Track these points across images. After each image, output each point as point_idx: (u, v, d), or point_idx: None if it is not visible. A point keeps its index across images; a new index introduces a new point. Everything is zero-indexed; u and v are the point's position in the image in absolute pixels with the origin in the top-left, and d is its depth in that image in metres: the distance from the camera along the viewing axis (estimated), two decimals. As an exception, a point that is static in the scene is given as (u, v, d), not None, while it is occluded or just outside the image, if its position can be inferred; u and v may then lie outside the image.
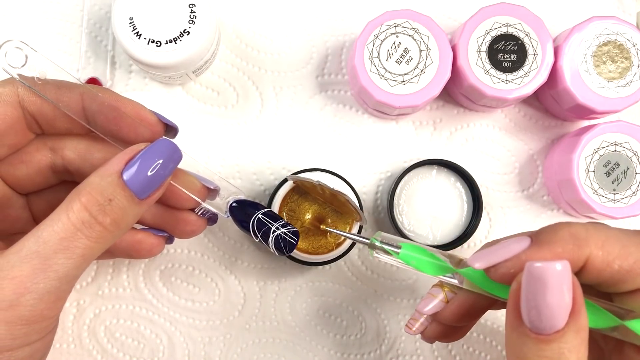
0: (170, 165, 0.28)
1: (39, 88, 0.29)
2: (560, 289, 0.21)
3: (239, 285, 0.42)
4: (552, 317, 0.21)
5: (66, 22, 0.42)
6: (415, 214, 0.41)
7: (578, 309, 0.21)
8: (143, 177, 0.27)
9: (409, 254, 0.27)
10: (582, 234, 0.23)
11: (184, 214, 0.33)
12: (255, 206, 0.33)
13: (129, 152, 0.27)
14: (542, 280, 0.21)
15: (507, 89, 0.37)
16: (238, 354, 0.41)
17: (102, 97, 0.29)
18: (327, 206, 0.39)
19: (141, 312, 0.41)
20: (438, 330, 0.30)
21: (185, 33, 0.36)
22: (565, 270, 0.21)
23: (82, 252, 0.26)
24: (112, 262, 0.41)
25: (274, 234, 0.32)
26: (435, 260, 0.26)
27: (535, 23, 0.38)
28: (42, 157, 0.32)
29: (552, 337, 0.21)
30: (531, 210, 0.43)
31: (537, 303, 0.21)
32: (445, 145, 0.43)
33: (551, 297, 0.21)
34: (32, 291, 0.25)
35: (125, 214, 0.27)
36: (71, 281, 0.26)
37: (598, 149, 0.38)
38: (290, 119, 0.42)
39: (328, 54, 0.43)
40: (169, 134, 0.32)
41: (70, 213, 0.26)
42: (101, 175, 0.27)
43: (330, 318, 0.42)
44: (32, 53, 0.29)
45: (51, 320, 0.27)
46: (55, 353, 0.41)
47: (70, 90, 0.29)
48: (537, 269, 0.21)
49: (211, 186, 0.32)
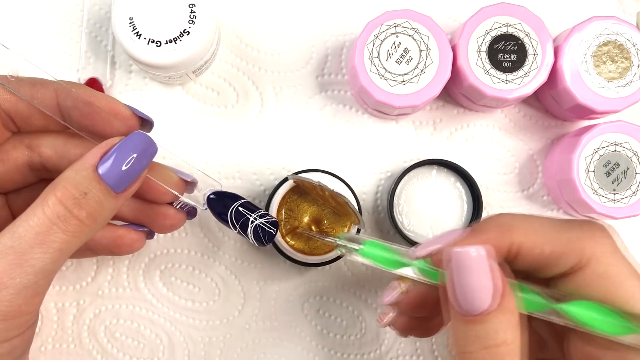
0: (145, 159, 0.28)
1: (13, 85, 0.29)
2: (478, 271, 0.23)
3: (239, 285, 0.42)
4: (476, 299, 0.23)
5: (66, 22, 0.42)
6: (415, 214, 0.41)
7: (502, 291, 0.23)
8: (118, 170, 0.27)
9: (369, 250, 0.29)
10: (508, 222, 0.25)
11: (162, 208, 0.33)
12: (234, 197, 0.33)
13: (104, 146, 0.27)
14: (461, 264, 0.23)
15: (507, 89, 0.37)
16: (238, 353, 0.41)
17: (75, 93, 0.29)
18: (325, 207, 0.39)
19: (141, 312, 0.41)
20: (405, 323, 0.32)
21: (185, 33, 0.36)
22: (480, 254, 0.23)
23: (58, 247, 0.26)
24: (112, 262, 0.41)
25: (252, 224, 0.32)
26: (393, 255, 0.28)
27: (535, 23, 0.38)
28: (19, 155, 0.31)
29: (478, 318, 0.23)
30: (531, 211, 0.43)
31: (461, 285, 0.23)
32: (445, 145, 0.43)
33: (470, 279, 0.23)
34: (8, 286, 0.25)
35: (101, 207, 0.27)
36: (48, 276, 0.26)
37: (598, 149, 0.38)
38: (290, 119, 0.42)
39: (328, 54, 0.43)
40: (144, 128, 0.32)
41: (45, 207, 0.26)
42: (76, 170, 0.27)
43: (330, 318, 0.42)
44: (4, 50, 0.28)
45: (30, 315, 0.27)
46: (55, 353, 0.41)
47: (44, 87, 0.29)
48: (456, 254, 0.23)
49: (188, 179, 0.32)
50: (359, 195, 0.41)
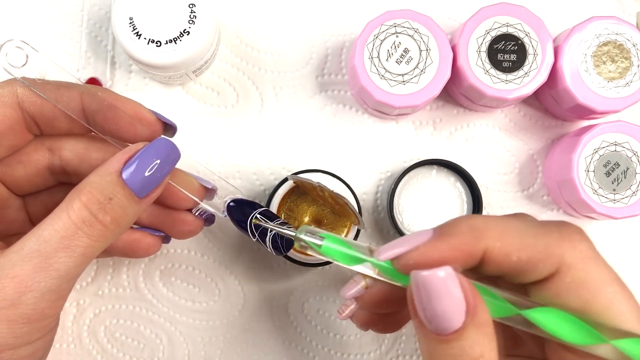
0: (168, 165, 0.28)
1: (39, 88, 0.29)
2: (448, 293, 0.21)
3: (239, 285, 0.42)
4: (446, 320, 0.21)
5: (66, 22, 0.42)
6: (415, 214, 0.41)
7: (474, 306, 0.22)
8: (142, 176, 0.27)
9: (329, 246, 0.27)
10: (480, 225, 0.23)
11: (181, 215, 0.33)
12: (253, 205, 0.33)
13: (128, 151, 0.28)
14: (428, 288, 0.21)
15: (507, 89, 0.37)
16: (238, 353, 0.41)
17: (101, 96, 0.29)
18: (325, 208, 0.39)
19: (141, 312, 0.41)
20: (365, 317, 0.31)
21: (185, 33, 0.36)
22: (449, 275, 0.21)
23: (82, 251, 0.26)
24: (112, 262, 0.41)
25: (271, 233, 0.32)
26: (353, 251, 0.27)
27: (535, 23, 0.38)
28: (40, 158, 0.32)
29: (451, 336, 0.22)
30: (531, 211, 0.43)
31: (429, 308, 0.22)
32: (445, 145, 0.43)
33: (439, 303, 0.21)
34: (33, 290, 0.25)
35: (125, 212, 0.27)
36: (72, 280, 0.27)
37: (598, 149, 0.38)
38: (290, 119, 0.42)
39: (328, 54, 0.43)
40: (167, 133, 0.32)
41: (70, 212, 0.26)
42: (101, 175, 0.27)
43: (330, 318, 0.42)
44: (33, 53, 0.29)
45: (52, 318, 0.27)
46: (55, 353, 0.41)
47: (70, 90, 0.29)
48: (422, 277, 0.22)
49: (209, 186, 0.32)
50: (359, 195, 0.41)
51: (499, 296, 0.23)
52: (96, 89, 0.30)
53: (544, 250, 0.23)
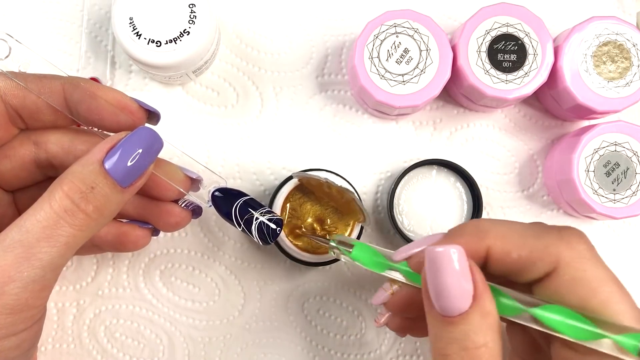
0: (151, 154, 0.28)
1: (21, 79, 0.29)
2: (455, 271, 0.23)
3: (239, 285, 0.42)
4: (454, 299, 0.23)
5: (66, 22, 0.42)
6: (415, 214, 0.41)
7: (480, 293, 0.23)
8: (124, 165, 0.27)
9: (358, 253, 0.30)
10: (485, 227, 0.25)
11: (167, 206, 0.33)
12: (238, 194, 0.32)
13: (110, 140, 0.27)
14: (438, 262, 0.23)
15: (507, 89, 0.37)
16: (238, 353, 0.41)
17: (83, 86, 0.29)
18: (328, 207, 0.38)
19: (141, 312, 0.41)
20: (397, 323, 0.32)
21: (185, 33, 0.36)
22: (458, 254, 0.23)
23: (65, 240, 0.26)
24: (112, 262, 0.41)
25: (256, 221, 0.31)
26: (381, 258, 0.29)
27: (535, 23, 0.38)
28: (25, 152, 0.32)
29: (457, 319, 0.23)
30: (531, 211, 0.43)
31: (438, 284, 0.23)
32: (445, 145, 0.43)
33: (447, 278, 0.23)
34: (16, 280, 0.25)
35: (107, 201, 0.27)
36: (55, 270, 0.26)
37: (598, 149, 0.38)
38: (290, 119, 0.42)
39: (328, 54, 0.43)
40: (151, 121, 0.32)
41: (52, 202, 0.26)
42: (83, 164, 0.27)
43: (330, 318, 0.42)
44: (16, 45, 0.28)
45: (37, 309, 0.27)
46: (55, 353, 0.41)
47: (52, 81, 0.29)
48: (433, 252, 0.23)
49: (193, 176, 0.32)
50: (360, 196, 0.41)
51: (507, 294, 0.25)
52: (78, 80, 0.30)
53: (542, 249, 0.24)
